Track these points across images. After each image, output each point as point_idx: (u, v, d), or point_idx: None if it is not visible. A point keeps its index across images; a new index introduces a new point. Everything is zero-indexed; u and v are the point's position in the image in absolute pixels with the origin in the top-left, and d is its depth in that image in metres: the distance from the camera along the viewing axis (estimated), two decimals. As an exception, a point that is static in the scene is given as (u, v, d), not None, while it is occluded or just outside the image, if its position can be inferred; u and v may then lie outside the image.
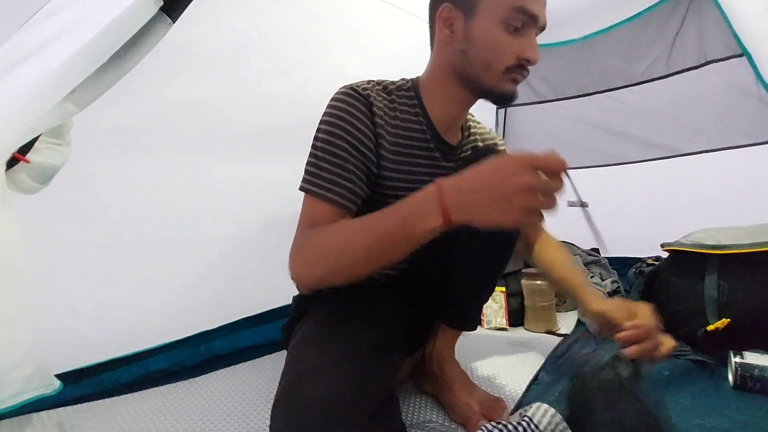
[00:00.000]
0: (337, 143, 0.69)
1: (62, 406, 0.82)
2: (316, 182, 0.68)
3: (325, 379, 0.54)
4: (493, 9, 0.68)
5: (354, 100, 0.71)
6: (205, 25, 1.01)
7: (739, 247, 0.99)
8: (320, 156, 0.69)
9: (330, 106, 0.72)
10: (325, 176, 0.68)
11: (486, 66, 0.71)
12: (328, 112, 0.72)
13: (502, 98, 0.75)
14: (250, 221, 1.17)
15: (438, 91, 0.78)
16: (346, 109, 0.70)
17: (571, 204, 2.12)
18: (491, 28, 0.69)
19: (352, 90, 0.72)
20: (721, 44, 1.63)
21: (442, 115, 0.79)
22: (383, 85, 0.78)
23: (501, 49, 0.69)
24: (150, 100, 0.95)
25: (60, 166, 0.76)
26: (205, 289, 1.09)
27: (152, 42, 0.77)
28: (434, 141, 0.79)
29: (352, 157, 0.69)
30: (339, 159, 0.68)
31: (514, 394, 0.89)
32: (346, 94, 0.72)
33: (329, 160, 0.68)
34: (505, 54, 0.69)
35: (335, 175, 0.68)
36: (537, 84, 2.24)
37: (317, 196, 0.67)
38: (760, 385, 0.82)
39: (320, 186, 0.67)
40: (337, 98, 0.72)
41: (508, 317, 1.35)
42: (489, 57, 0.70)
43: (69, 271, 0.86)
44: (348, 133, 0.69)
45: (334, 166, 0.68)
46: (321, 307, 0.74)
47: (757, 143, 1.58)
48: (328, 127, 0.70)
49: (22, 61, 0.66)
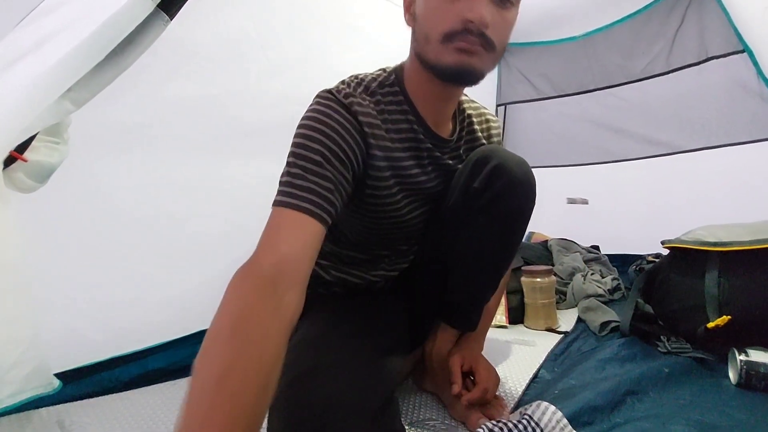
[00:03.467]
0: (313, 147, 0.60)
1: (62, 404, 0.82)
2: (287, 191, 0.57)
3: (325, 381, 0.53)
4: None
5: (335, 106, 0.64)
6: (203, 22, 1.00)
7: (740, 244, 0.99)
8: (293, 163, 0.59)
9: (308, 114, 0.64)
10: (298, 183, 0.57)
11: (426, 38, 0.64)
12: (306, 117, 0.64)
13: (443, 72, 0.64)
14: (249, 219, 1.15)
15: (417, 86, 0.72)
16: (325, 113, 0.63)
17: (571, 201, 2.12)
18: None
19: (331, 94, 0.66)
20: (722, 41, 1.62)
21: (430, 110, 0.73)
22: (364, 85, 0.70)
23: (437, 16, 0.62)
24: (148, 97, 0.94)
25: (57, 164, 0.75)
26: (204, 287, 1.08)
27: (149, 39, 0.77)
28: (428, 138, 0.74)
29: (329, 164, 0.60)
30: (315, 165, 0.59)
31: (515, 392, 0.89)
32: (327, 99, 0.65)
33: (303, 167, 0.59)
34: (442, 20, 0.62)
35: (310, 182, 0.58)
36: (537, 81, 2.24)
37: (287, 206, 0.56)
38: (764, 384, 0.82)
39: (291, 195, 0.57)
40: (316, 105, 0.65)
41: (508, 315, 1.35)
42: (427, 27, 0.64)
43: (68, 270, 0.86)
44: (327, 138, 0.61)
45: (309, 173, 0.58)
46: (320, 308, 0.73)
47: (757, 140, 1.58)
48: (305, 131, 0.62)
49: (19, 58, 0.65)
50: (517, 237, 0.77)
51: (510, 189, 0.69)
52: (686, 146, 1.77)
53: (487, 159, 0.70)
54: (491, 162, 0.69)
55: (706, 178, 1.70)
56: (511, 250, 0.78)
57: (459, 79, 0.66)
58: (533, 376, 0.96)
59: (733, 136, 1.64)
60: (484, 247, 0.74)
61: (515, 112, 2.35)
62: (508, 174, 0.68)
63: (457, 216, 0.74)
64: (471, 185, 0.70)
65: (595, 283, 1.53)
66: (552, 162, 2.20)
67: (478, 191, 0.69)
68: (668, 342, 1.05)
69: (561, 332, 1.26)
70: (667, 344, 1.04)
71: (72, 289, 0.87)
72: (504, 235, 0.74)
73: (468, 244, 0.74)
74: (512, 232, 0.75)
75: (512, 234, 0.75)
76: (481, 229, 0.71)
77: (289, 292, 0.50)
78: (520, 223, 0.74)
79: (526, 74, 2.25)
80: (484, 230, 0.71)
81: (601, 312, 1.30)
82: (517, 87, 2.30)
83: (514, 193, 0.69)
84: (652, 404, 0.79)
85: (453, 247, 0.77)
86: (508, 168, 0.69)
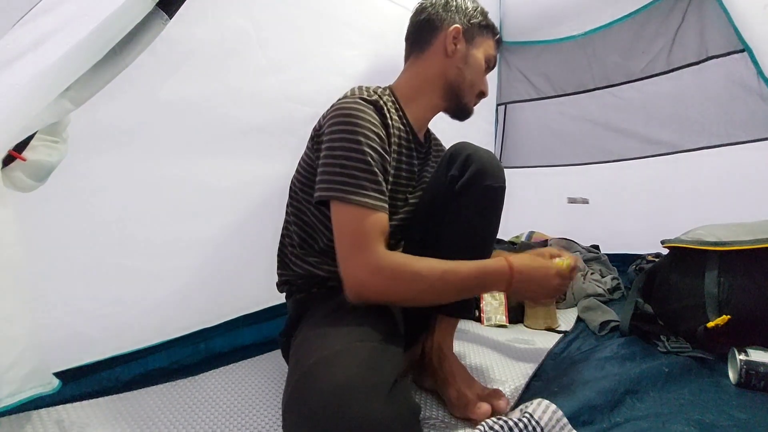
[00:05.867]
0: (365, 150, 0.73)
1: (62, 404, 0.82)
2: (357, 191, 0.71)
3: (337, 368, 0.55)
4: (485, 48, 0.94)
5: (367, 106, 0.77)
6: (201, 21, 1.00)
7: (740, 243, 0.99)
8: (352, 165, 0.72)
9: (345, 115, 0.75)
10: (366, 185, 0.72)
11: (471, 86, 0.93)
12: (345, 120, 0.75)
13: (467, 113, 0.97)
14: (249, 218, 1.16)
15: (422, 97, 0.92)
16: (363, 114, 0.76)
17: (571, 200, 2.12)
18: (481, 61, 0.93)
19: (361, 98, 0.78)
20: (722, 40, 1.62)
21: (420, 118, 0.93)
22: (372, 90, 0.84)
23: (481, 77, 0.95)
24: (147, 96, 0.94)
25: (57, 163, 0.75)
26: (204, 286, 1.08)
27: (149, 38, 0.77)
28: (414, 141, 0.91)
29: (381, 159, 0.76)
30: (369, 165, 0.73)
31: (514, 390, 0.89)
32: (357, 101, 0.77)
33: (364, 168, 0.73)
34: (482, 82, 0.95)
35: (372, 182, 0.73)
36: (537, 80, 2.24)
37: (363, 206, 0.71)
38: (764, 383, 0.82)
39: (364, 195, 0.71)
40: (350, 106, 0.76)
41: (507, 314, 1.35)
42: (475, 80, 0.93)
43: (67, 269, 0.86)
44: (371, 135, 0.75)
45: (369, 173, 0.73)
46: (320, 306, 0.77)
47: (757, 139, 1.58)
48: (351, 135, 0.74)
49: (18, 57, 0.65)
50: (497, 213, 0.85)
51: (482, 171, 0.80)
52: (686, 146, 1.77)
53: (460, 151, 0.83)
54: (464, 153, 0.82)
55: (706, 177, 1.70)
56: (493, 225, 0.86)
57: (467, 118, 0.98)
58: (533, 375, 0.96)
59: (732, 135, 1.64)
60: (469, 225, 0.82)
61: (515, 112, 2.35)
62: (480, 160, 0.81)
63: (441, 201, 0.84)
64: (449, 173, 0.82)
65: (595, 283, 1.53)
66: (552, 161, 2.21)
67: (455, 177, 0.81)
68: (668, 341, 1.05)
69: (561, 332, 1.26)
70: (667, 344, 1.04)
71: (72, 288, 0.87)
72: (484, 210, 0.83)
73: (453, 226, 0.82)
74: (491, 208, 0.84)
75: (492, 210, 0.84)
76: (462, 209, 0.82)
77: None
78: (497, 201, 0.84)
79: (526, 74, 2.25)
80: (467, 208, 0.82)
81: (601, 311, 1.30)
82: (516, 86, 2.30)
83: (486, 174, 0.81)
84: (652, 403, 0.79)
85: (439, 233, 0.83)
86: (479, 156, 0.82)
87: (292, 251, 0.89)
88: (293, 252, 0.88)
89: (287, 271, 0.90)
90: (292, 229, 0.89)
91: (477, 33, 0.92)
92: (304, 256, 0.86)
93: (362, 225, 0.71)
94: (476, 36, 0.92)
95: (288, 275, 0.90)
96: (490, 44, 0.95)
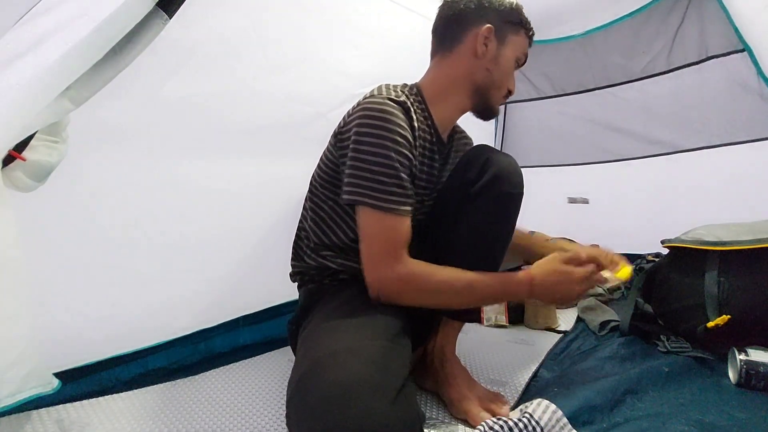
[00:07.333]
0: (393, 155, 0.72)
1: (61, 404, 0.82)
2: (386, 198, 0.71)
3: (345, 365, 0.55)
4: (516, 47, 0.88)
5: (395, 107, 0.75)
6: (202, 21, 1.00)
7: (740, 243, 0.99)
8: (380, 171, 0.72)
9: (373, 117, 0.73)
10: (394, 190, 0.72)
11: (499, 87, 0.89)
12: (373, 123, 0.73)
13: (493, 114, 0.93)
14: (249, 219, 1.16)
15: (449, 97, 0.88)
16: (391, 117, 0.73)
17: (572, 200, 2.12)
18: (511, 61, 0.89)
19: (389, 99, 0.76)
20: (722, 40, 1.62)
21: (446, 118, 0.89)
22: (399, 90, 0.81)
23: (511, 78, 0.91)
24: (147, 96, 0.94)
25: (56, 163, 0.75)
26: (204, 286, 1.08)
27: (149, 38, 0.77)
28: (437, 143, 0.88)
29: (408, 162, 0.75)
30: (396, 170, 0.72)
31: (515, 390, 0.89)
32: (386, 101, 0.75)
33: (392, 174, 0.72)
34: (511, 82, 0.91)
35: (400, 188, 0.73)
36: (537, 80, 2.23)
37: (391, 212, 0.72)
38: (764, 383, 0.82)
39: (392, 201, 0.72)
40: (378, 107, 0.74)
41: (508, 314, 1.35)
42: (504, 81, 0.89)
43: (67, 269, 0.86)
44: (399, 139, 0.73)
45: (397, 178, 0.72)
46: (331, 298, 0.77)
47: (757, 139, 1.57)
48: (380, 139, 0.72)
49: (17, 57, 0.65)
50: (510, 220, 0.83)
51: (500, 176, 0.79)
52: (686, 145, 1.77)
53: (479, 155, 0.82)
54: (483, 156, 0.81)
55: (706, 177, 1.69)
56: (506, 234, 0.84)
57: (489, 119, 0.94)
58: (533, 375, 0.96)
59: (732, 135, 1.64)
60: (480, 230, 0.80)
61: (515, 112, 2.35)
62: (498, 165, 0.79)
63: (455, 204, 0.82)
64: (466, 176, 0.81)
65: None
66: (552, 161, 2.20)
67: (473, 180, 0.80)
68: (668, 341, 1.05)
69: (560, 332, 1.26)
70: (667, 343, 1.04)
71: (71, 288, 0.87)
72: (498, 217, 0.81)
73: (466, 230, 0.80)
74: (505, 215, 0.82)
75: (505, 217, 0.82)
76: (476, 213, 0.80)
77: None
78: (511, 208, 0.82)
79: (526, 73, 2.25)
80: (480, 213, 0.80)
81: (601, 311, 1.30)
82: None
83: (503, 180, 0.79)
84: (652, 403, 0.79)
85: (451, 236, 0.81)
86: (497, 160, 0.80)
87: (307, 244, 0.89)
88: (308, 245, 0.88)
89: (301, 262, 0.90)
90: (308, 222, 0.88)
91: (510, 31, 0.87)
92: (319, 250, 0.86)
93: (390, 232, 0.72)
94: (509, 34, 0.86)
95: (301, 267, 0.90)
96: (523, 42, 0.90)
